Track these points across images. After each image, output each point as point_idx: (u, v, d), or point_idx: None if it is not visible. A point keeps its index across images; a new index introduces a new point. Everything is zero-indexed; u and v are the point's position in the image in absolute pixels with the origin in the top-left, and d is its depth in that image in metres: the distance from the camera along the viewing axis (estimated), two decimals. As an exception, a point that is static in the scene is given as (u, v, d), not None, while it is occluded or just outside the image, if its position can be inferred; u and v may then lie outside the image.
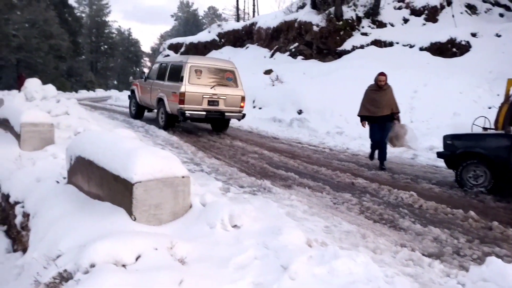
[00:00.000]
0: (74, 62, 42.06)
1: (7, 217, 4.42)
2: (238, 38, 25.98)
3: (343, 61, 15.08)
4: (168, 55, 29.44)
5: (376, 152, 6.71)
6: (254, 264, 2.30)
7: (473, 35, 13.86)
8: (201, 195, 3.35)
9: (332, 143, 8.73)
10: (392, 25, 16.79)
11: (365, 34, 16.58)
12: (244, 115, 9.77)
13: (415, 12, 16.70)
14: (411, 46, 14.94)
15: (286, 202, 4.27)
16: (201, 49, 27.64)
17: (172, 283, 1.92)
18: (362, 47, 15.93)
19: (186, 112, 8.88)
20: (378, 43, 15.84)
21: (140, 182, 2.76)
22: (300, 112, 11.94)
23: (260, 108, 14.09)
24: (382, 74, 6.62)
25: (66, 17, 42.53)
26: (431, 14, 16.32)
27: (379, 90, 6.56)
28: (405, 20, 16.79)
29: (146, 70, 11.29)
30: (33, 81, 10.79)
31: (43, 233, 2.89)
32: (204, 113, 9.10)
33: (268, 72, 17.15)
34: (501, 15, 15.95)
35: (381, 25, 16.86)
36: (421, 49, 14.51)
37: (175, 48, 29.94)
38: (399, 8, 17.35)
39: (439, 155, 5.81)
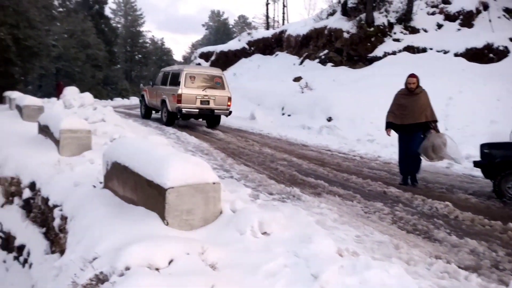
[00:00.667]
0: (110, 71, 43.58)
1: (46, 220, 4.62)
2: (268, 45, 26.15)
3: (374, 68, 14.86)
4: (199, 64, 30.04)
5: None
6: (284, 272, 2.29)
7: (512, 40, 13.33)
8: (231, 201, 3.38)
9: (362, 150, 8.58)
10: (425, 30, 16.41)
11: (397, 40, 16.28)
12: (230, 112, 11.74)
13: (450, 17, 16.26)
14: (445, 52, 14.53)
15: (315, 210, 4.23)
16: (231, 57, 28.01)
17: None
18: (394, 53, 15.65)
19: (183, 109, 10.94)
20: (410, 49, 15.51)
21: (173, 188, 2.83)
22: (329, 119, 11.83)
23: (289, 115, 14.08)
24: (412, 75, 5.90)
25: (103, 27, 44.28)
26: (467, 19, 15.83)
27: (409, 94, 5.84)
28: (439, 26, 16.37)
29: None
30: (71, 89, 11.29)
31: (80, 236, 3.00)
32: (197, 110, 11.17)
33: (297, 79, 17.14)
34: (543, 18, 15.27)
35: (414, 31, 16.52)
36: (456, 55, 14.08)
37: (206, 56, 30.46)
38: (433, 13, 16.94)
39: (476, 164, 5.59)
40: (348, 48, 17.02)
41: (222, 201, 3.22)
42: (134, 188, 3.27)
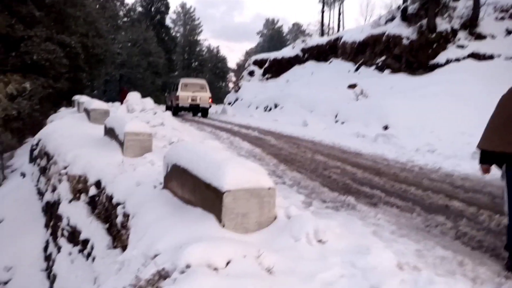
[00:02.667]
0: (168, 78, 45.55)
1: (109, 216, 4.89)
2: (322, 52, 25.94)
3: (436, 75, 14.20)
4: (253, 71, 30.49)
5: None
6: (341, 282, 2.25)
7: None
8: (285, 207, 3.38)
9: (422, 161, 8.16)
10: (492, 37, 15.42)
11: (461, 46, 15.45)
12: (210, 106, 19.23)
13: (521, 22, 15.16)
14: (515, 59, 13.55)
15: (371, 221, 4.10)
16: (285, 64, 28.12)
17: (260, 291, 1.96)
18: (457, 60, 14.86)
19: (179, 104, 18.31)
20: (476, 56, 14.65)
21: (230, 191, 2.89)
22: (386, 127, 11.45)
23: (342, 123, 13.82)
24: None
25: (163, 36, 46.49)
26: (541, 23, 14.66)
27: None
28: (509, 32, 15.31)
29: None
30: (134, 95, 11.94)
31: (142, 233, 3.15)
32: (188, 105, 18.41)
33: (352, 86, 16.81)
34: None
35: (480, 37, 15.58)
36: (528, 62, 13.08)
37: (259, 64, 30.85)
38: (501, 18, 15.89)
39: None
40: (408, 54, 16.43)
41: (276, 206, 3.23)
42: (192, 189, 3.38)
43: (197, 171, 3.26)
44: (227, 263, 2.23)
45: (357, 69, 20.04)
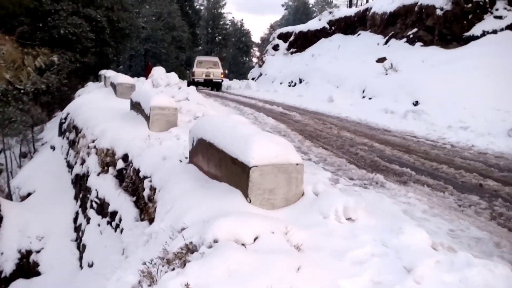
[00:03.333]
0: (192, 53, 45.35)
1: (137, 189, 4.96)
2: (350, 25, 25.02)
3: (471, 48, 13.49)
4: (277, 45, 29.94)
5: None
6: (372, 261, 2.18)
7: None
8: (313, 184, 3.31)
9: (454, 138, 7.86)
10: (535, 5, 14.42)
11: (499, 17, 14.53)
12: (222, 81, 21.57)
13: None
14: (560, 30, 12.66)
15: (402, 199, 3.98)
16: (310, 37, 27.35)
17: (289, 268, 1.92)
18: (494, 32, 14.01)
19: (195, 79, 20.27)
20: (515, 27, 13.77)
21: (257, 166, 2.83)
22: (416, 103, 11.04)
23: (370, 99, 13.42)
24: None
25: (187, 10, 46.00)
26: None
27: None
28: (554, 0, 14.26)
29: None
30: (159, 69, 11.94)
31: (169, 206, 3.16)
32: (203, 79, 20.53)
33: (381, 60, 16.23)
34: None
35: (521, 6, 14.59)
36: None
37: (284, 37, 30.16)
38: (546, -15, 14.78)
39: None
40: (441, 26, 15.62)
41: (304, 183, 3.16)
42: (218, 164, 3.34)
43: (223, 146, 3.21)
44: (255, 239, 2.19)
45: (386, 42, 19.27)
